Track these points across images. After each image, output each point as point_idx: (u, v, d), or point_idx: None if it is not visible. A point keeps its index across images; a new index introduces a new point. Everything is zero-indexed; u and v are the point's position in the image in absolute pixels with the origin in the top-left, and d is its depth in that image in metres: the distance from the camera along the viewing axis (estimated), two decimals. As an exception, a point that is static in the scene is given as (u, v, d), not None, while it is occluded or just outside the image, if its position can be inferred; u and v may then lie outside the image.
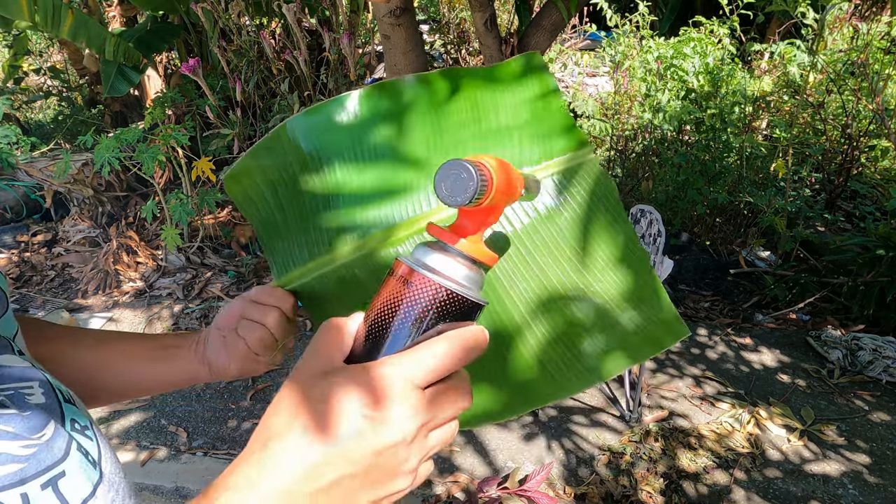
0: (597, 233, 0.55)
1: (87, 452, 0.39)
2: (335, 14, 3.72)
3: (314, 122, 0.54)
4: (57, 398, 0.40)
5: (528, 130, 0.56)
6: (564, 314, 0.53)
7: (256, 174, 0.56)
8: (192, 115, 3.84)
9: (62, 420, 0.39)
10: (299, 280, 0.56)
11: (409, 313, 0.34)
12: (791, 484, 1.94)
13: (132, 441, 2.11)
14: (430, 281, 0.34)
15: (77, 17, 3.30)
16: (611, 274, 0.54)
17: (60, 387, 0.42)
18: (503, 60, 0.57)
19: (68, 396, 0.42)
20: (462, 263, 0.36)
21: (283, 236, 0.56)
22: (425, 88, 0.54)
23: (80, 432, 0.39)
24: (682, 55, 3.59)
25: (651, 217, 2.14)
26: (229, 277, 3.26)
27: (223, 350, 0.57)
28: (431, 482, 1.90)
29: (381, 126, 0.54)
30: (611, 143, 4.02)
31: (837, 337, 2.74)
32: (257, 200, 0.57)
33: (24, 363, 0.41)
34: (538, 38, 2.15)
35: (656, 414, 2.26)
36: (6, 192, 3.90)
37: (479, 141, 0.55)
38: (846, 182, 3.84)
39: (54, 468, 0.35)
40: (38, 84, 6.44)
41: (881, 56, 3.38)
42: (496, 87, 0.56)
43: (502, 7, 5.15)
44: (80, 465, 0.37)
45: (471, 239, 0.37)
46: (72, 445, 0.37)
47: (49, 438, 0.36)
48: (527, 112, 0.57)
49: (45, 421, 0.36)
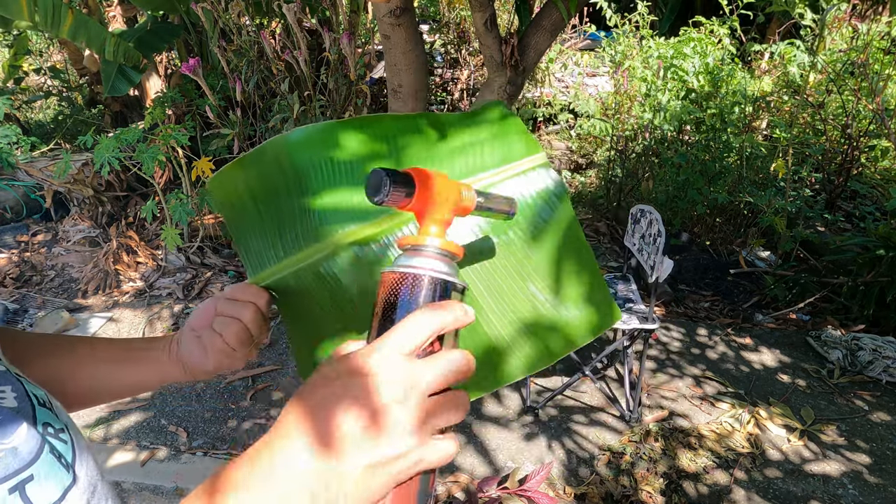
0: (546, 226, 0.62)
1: (60, 455, 0.39)
2: (335, 14, 3.72)
3: (297, 142, 0.61)
4: (30, 402, 0.40)
5: (489, 142, 0.65)
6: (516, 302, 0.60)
7: (239, 180, 0.61)
8: (192, 115, 3.85)
9: (34, 423, 0.39)
10: (273, 277, 0.60)
11: (406, 309, 0.39)
12: (791, 484, 1.94)
13: (132, 441, 2.11)
14: (414, 275, 0.40)
15: (77, 17, 3.30)
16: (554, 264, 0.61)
17: (36, 391, 0.42)
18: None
19: (43, 400, 0.42)
20: (434, 256, 0.42)
21: (259, 237, 0.61)
22: (403, 123, 0.63)
23: (53, 436, 0.39)
24: (682, 55, 3.59)
25: (651, 217, 2.14)
26: (229, 277, 3.26)
27: (198, 348, 0.58)
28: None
29: (355, 147, 0.61)
30: (611, 143, 4.02)
31: (837, 337, 2.74)
32: (236, 204, 0.62)
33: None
34: (538, 38, 2.15)
35: (656, 414, 2.26)
36: (6, 192, 3.90)
37: (446, 157, 0.63)
38: (846, 182, 3.84)
39: (22, 472, 0.35)
40: (38, 84, 6.44)
41: (881, 56, 3.39)
42: (463, 120, 0.66)
43: (502, 7, 5.15)
44: (50, 468, 0.37)
45: (437, 236, 0.43)
46: (44, 448, 0.37)
47: (19, 443, 0.36)
48: (487, 131, 0.65)
49: (14, 425, 0.37)
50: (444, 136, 0.64)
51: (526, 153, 0.64)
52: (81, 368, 0.60)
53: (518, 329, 0.58)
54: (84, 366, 0.60)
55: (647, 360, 2.62)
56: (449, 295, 0.41)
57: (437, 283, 0.40)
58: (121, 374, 0.60)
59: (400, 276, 0.40)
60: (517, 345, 0.58)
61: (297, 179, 0.60)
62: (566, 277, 0.61)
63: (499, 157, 0.64)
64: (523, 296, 0.59)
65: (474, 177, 0.62)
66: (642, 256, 2.21)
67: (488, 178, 0.63)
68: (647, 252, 2.15)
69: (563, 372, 2.52)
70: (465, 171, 0.62)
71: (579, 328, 0.60)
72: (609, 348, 2.19)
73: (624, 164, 3.98)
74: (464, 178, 0.62)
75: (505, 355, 0.58)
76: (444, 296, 0.40)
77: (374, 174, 0.42)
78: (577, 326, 0.60)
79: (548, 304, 0.60)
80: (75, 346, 0.61)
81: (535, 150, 0.64)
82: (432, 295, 0.40)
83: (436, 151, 0.63)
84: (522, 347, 0.58)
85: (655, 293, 2.05)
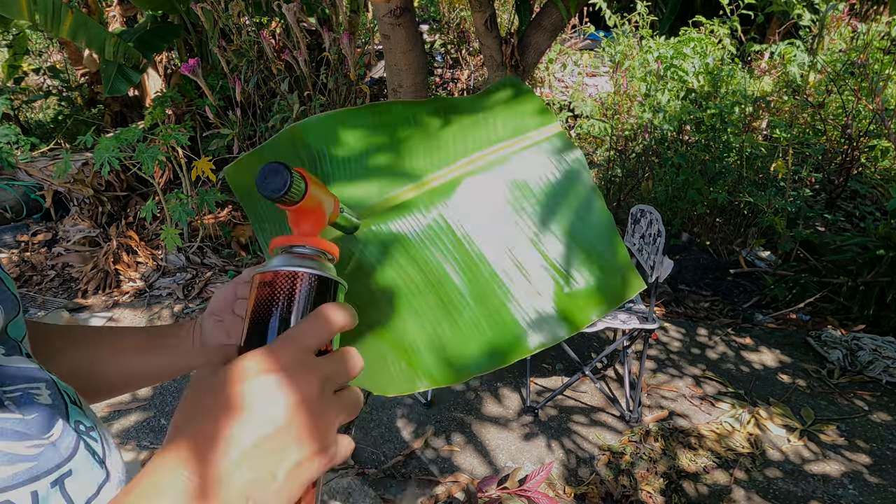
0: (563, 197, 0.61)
1: (93, 452, 0.39)
2: (335, 14, 3.72)
3: (312, 128, 0.61)
4: (63, 399, 0.41)
5: (502, 115, 0.64)
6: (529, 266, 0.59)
7: (256, 168, 0.61)
8: (192, 115, 3.84)
9: (68, 420, 0.39)
10: None
11: (278, 308, 0.38)
12: (791, 484, 1.94)
13: (132, 441, 2.11)
14: (288, 272, 0.39)
15: (77, 17, 3.30)
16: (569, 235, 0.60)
17: (67, 388, 0.43)
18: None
19: (74, 398, 0.43)
20: (308, 255, 0.42)
21: (276, 221, 0.61)
22: (417, 109, 0.62)
23: (85, 433, 0.40)
24: (682, 55, 3.60)
25: (651, 217, 2.14)
26: (229, 277, 3.26)
27: (221, 333, 0.57)
28: (432, 482, 1.90)
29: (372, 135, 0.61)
30: (610, 143, 4.02)
31: (837, 337, 2.74)
32: (252, 191, 0.62)
33: (32, 364, 0.42)
34: (538, 38, 2.15)
35: (656, 414, 2.26)
36: (6, 191, 3.90)
37: (458, 133, 0.63)
38: (846, 182, 3.84)
39: (62, 467, 0.36)
40: (38, 84, 6.44)
41: (881, 56, 3.39)
42: (476, 100, 0.65)
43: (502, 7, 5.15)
44: (86, 464, 0.38)
45: (310, 235, 0.43)
46: (79, 445, 0.38)
47: (57, 438, 0.37)
48: (500, 105, 0.65)
49: (52, 421, 0.37)
50: (458, 115, 0.63)
51: (540, 124, 0.63)
52: (106, 359, 0.59)
53: (536, 301, 0.57)
54: (109, 356, 0.59)
55: (647, 359, 2.62)
56: (337, 294, 0.41)
57: (322, 281, 0.40)
58: (146, 363, 0.60)
59: (285, 274, 0.39)
60: (534, 318, 0.57)
61: (312, 164, 0.60)
62: (584, 247, 0.60)
63: (511, 129, 0.63)
64: (541, 267, 0.58)
65: (489, 148, 0.62)
66: (642, 256, 2.21)
67: (501, 151, 0.62)
68: (647, 252, 2.15)
69: (562, 372, 2.52)
70: (478, 145, 0.62)
71: (599, 298, 0.58)
72: (609, 348, 2.19)
73: (624, 164, 3.98)
74: (477, 150, 0.61)
75: (525, 327, 0.57)
76: (335, 295, 0.41)
77: (274, 166, 0.40)
78: (596, 296, 0.58)
79: (565, 275, 0.59)
80: (100, 336, 0.61)
81: (549, 121, 0.63)
82: (321, 292, 0.39)
83: (448, 130, 0.62)
84: (542, 320, 0.57)
85: (655, 293, 2.05)
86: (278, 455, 0.31)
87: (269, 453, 0.31)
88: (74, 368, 0.56)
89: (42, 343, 0.54)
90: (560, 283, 0.58)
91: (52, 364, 0.45)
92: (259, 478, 0.30)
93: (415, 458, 2.01)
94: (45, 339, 0.56)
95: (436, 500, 1.83)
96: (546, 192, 0.60)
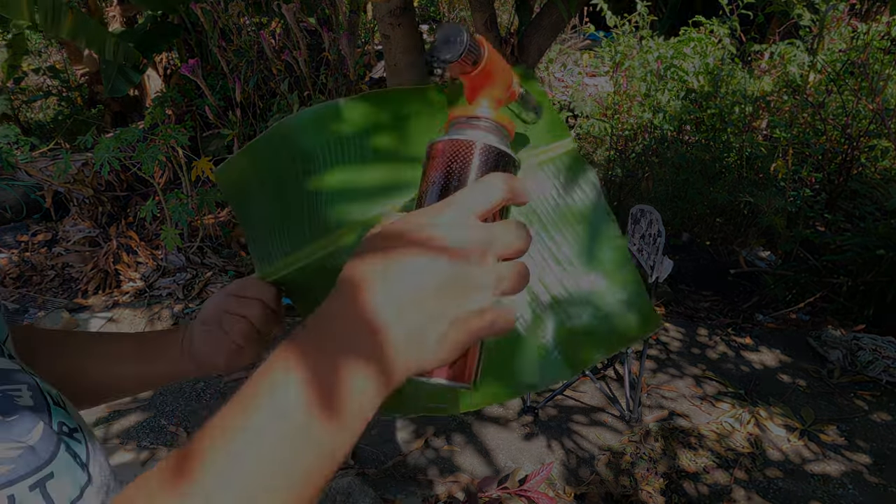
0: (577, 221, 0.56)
1: (75, 454, 0.39)
2: (335, 14, 3.72)
3: (306, 123, 0.57)
4: (45, 401, 0.40)
5: None
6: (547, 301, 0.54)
7: (247, 168, 0.59)
8: (191, 115, 3.85)
9: (50, 422, 0.39)
10: (281, 271, 0.57)
11: (453, 178, 0.36)
12: (791, 484, 1.94)
13: (132, 441, 2.10)
14: (463, 141, 0.37)
15: (77, 17, 3.29)
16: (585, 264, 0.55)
17: (50, 390, 0.42)
18: None
19: (57, 399, 0.42)
20: (492, 129, 0.39)
21: (267, 227, 0.58)
22: (415, 96, 0.58)
23: (68, 435, 0.40)
24: (682, 55, 3.60)
25: (651, 217, 2.14)
26: (229, 277, 3.26)
27: (209, 345, 0.56)
28: (432, 482, 1.90)
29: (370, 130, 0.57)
30: (610, 143, 4.02)
31: (837, 337, 2.74)
32: (243, 193, 0.59)
33: (13, 366, 0.41)
34: (538, 38, 2.15)
35: (656, 414, 2.26)
36: (6, 191, 3.90)
37: None
38: (846, 182, 3.84)
39: (42, 469, 0.35)
40: (38, 84, 6.43)
41: (881, 56, 3.38)
42: None
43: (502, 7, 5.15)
44: (67, 466, 0.37)
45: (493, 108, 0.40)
46: (60, 447, 0.37)
47: (36, 441, 0.36)
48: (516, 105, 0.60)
49: (32, 423, 0.37)
50: None
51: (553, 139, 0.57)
52: (93, 365, 0.59)
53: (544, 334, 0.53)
54: (96, 362, 0.59)
55: (647, 359, 2.62)
56: (508, 169, 0.38)
57: (499, 155, 0.37)
58: (133, 370, 0.59)
59: (460, 143, 0.37)
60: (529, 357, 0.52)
61: (305, 160, 0.57)
62: (591, 279, 0.54)
63: (520, 141, 0.57)
64: (540, 300, 0.53)
65: None
66: (642, 256, 2.21)
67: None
68: (647, 252, 2.15)
69: (563, 372, 2.52)
70: None
71: (606, 336, 0.53)
72: (609, 348, 2.19)
73: (624, 164, 3.98)
74: None
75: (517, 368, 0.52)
76: (506, 169, 0.38)
77: (449, 26, 0.37)
78: (602, 334, 0.53)
79: (567, 309, 0.53)
80: (87, 341, 0.60)
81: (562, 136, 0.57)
82: (495, 165, 0.37)
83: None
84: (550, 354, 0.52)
85: (655, 293, 2.04)
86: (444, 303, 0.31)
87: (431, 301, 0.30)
88: (62, 374, 0.55)
89: (28, 347, 0.53)
90: (562, 317, 0.53)
91: (39, 369, 0.45)
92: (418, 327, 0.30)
93: (415, 458, 2.01)
94: (32, 343, 0.55)
95: (436, 500, 1.83)
96: (553, 216, 0.55)
